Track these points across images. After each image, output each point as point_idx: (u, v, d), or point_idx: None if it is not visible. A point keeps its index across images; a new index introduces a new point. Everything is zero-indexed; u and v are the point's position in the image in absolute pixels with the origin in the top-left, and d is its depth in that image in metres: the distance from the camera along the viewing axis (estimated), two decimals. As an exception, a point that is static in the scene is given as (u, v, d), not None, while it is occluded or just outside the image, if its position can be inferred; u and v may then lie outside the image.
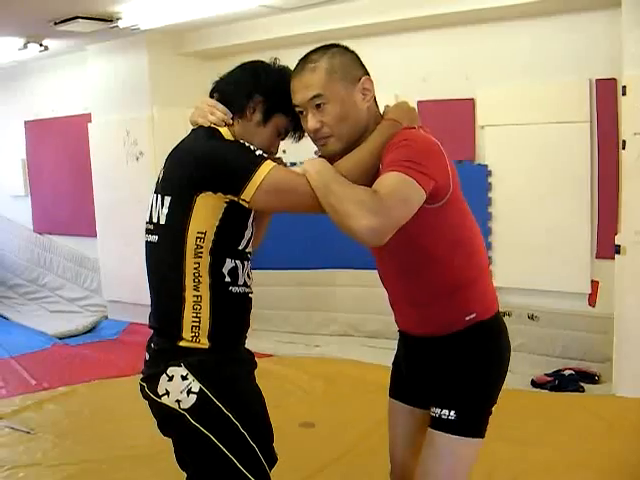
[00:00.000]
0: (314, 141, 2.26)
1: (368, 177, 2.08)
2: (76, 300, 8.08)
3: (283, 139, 2.38)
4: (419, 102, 5.86)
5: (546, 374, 5.26)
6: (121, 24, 5.86)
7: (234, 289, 2.16)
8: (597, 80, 5.18)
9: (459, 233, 2.25)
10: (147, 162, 6.79)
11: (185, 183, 2.09)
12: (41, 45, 6.52)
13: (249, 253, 2.23)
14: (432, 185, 2.04)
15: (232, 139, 2.21)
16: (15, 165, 8.64)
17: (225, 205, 2.07)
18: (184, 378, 2.07)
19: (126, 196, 6.94)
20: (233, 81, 2.33)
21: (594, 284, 5.38)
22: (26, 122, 8.46)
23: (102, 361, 6.21)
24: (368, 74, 2.31)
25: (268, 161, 2.08)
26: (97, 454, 4.30)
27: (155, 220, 2.17)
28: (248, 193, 2.03)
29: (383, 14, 5.68)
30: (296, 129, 2.31)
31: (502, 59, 5.57)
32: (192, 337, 2.10)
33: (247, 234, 2.18)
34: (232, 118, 2.25)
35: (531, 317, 5.60)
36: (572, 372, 5.19)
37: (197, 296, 2.10)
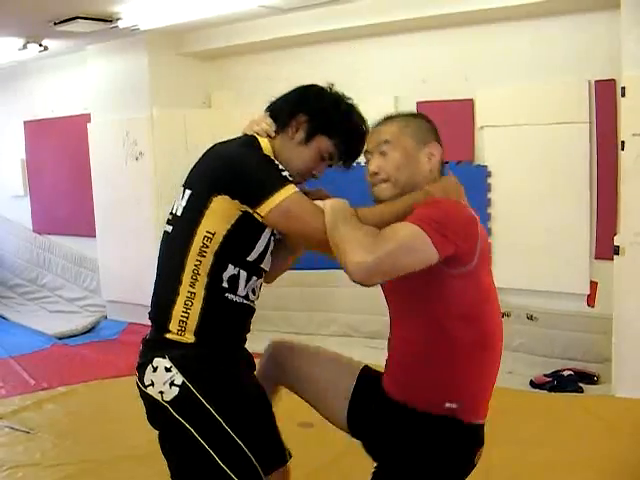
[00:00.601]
0: (370, 185, 2.28)
1: None
2: (75, 300, 8.08)
3: (331, 166, 2.36)
4: (418, 103, 5.88)
5: (545, 374, 5.26)
6: (121, 24, 5.87)
7: (230, 296, 2.17)
8: (596, 81, 5.18)
9: (478, 313, 2.17)
10: (146, 162, 6.79)
11: (207, 181, 2.14)
12: (41, 45, 6.52)
13: (263, 269, 2.24)
14: (451, 249, 2.01)
15: (270, 151, 2.23)
16: (14, 165, 8.64)
17: (239, 213, 2.09)
18: (167, 370, 2.10)
19: (125, 196, 6.95)
20: (283, 99, 2.38)
21: (593, 285, 5.39)
22: (25, 122, 8.45)
23: (101, 361, 6.20)
24: (440, 144, 2.33)
25: (292, 185, 2.09)
26: (96, 454, 4.30)
27: (174, 211, 2.22)
28: (264, 209, 2.05)
29: (383, 15, 5.68)
30: (343, 156, 2.31)
31: (501, 60, 5.58)
32: (178, 331, 2.12)
33: (259, 247, 2.18)
34: (276, 132, 2.28)
35: (530, 317, 5.60)
36: (571, 373, 5.20)
37: (191, 293, 2.12)
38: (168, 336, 2.13)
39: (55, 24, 5.81)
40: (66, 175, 8.01)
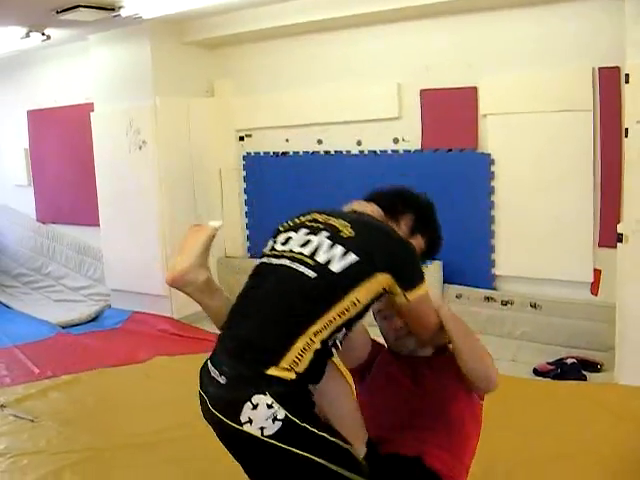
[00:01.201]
0: (393, 339, 2.68)
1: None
2: (79, 289, 8.10)
3: None
4: (422, 90, 5.86)
5: (548, 363, 5.25)
6: (123, 13, 5.85)
7: (332, 349, 2.23)
8: (600, 68, 5.16)
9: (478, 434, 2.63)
10: (150, 151, 6.78)
11: (377, 259, 2.23)
12: (43, 34, 6.51)
13: None
14: None
15: None
16: (18, 155, 8.66)
17: (382, 290, 2.23)
18: (269, 406, 2.06)
19: (129, 185, 6.95)
20: (393, 194, 2.63)
21: (596, 273, 5.39)
22: (29, 112, 8.46)
23: (105, 350, 6.21)
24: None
25: None
26: (100, 442, 4.32)
27: (322, 261, 2.22)
28: (414, 294, 2.27)
29: (387, 2, 5.65)
30: (425, 255, 2.60)
31: (505, 47, 5.56)
32: (284, 369, 2.09)
33: (365, 317, 2.30)
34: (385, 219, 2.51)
35: (533, 306, 5.60)
36: (574, 361, 5.19)
37: (312, 340, 2.12)
38: (270, 372, 2.09)
39: (57, 13, 5.79)
40: (69, 164, 8.02)
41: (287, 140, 6.88)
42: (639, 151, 4.59)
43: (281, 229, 2.44)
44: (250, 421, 2.07)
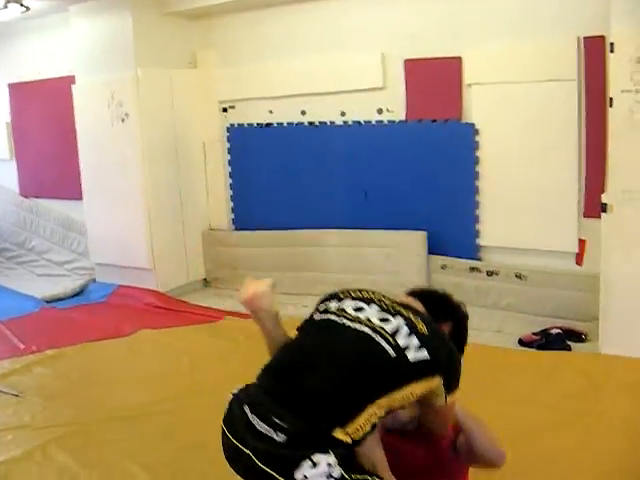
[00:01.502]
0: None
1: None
2: (64, 263, 8.07)
3: None
4: (406, 60, 5.83)
5: (533, 333, 5.28)
6: (103, -17, 5.77)
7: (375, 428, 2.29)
8: (585, 37, 5.14)
9: None
10: (132, 123, 6.72)
11: (442, 365, 2.35)
12: (22, 5, 6.42)
13: None
14: None
15: None
16: (-1, 128, 8.58)
17: (429, 390, 2.31)
18: (329, 465, 2.08)
19: (112, 158, 6.90)
20: (437, 296, 2.73)
21: (581, 243, 5.40)
22: (10, 85, 8.37)
23: (90, 324, 6.19)
24: None
25: None
26: (85, 416, 4.32)
27: (402, 345, 2.29)
28: (453, 397, 2.39)
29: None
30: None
31: (489, 17, 5.53)
32: (347, 434, 2.13)
33: None
34: None
35: (518, 276, 5.61)
36: (559, 331, 5.22)
37: (375, 413, 2.19)
38: (335, 434, 2.13)
39: (35, -19, 5.71)
40: (52, 138, 7.96)
41: (271, 111, 6.84)
42: (624, 121, 4.58)
43: (341, 295, 2.56)
44: (305, 478, 2.07)
